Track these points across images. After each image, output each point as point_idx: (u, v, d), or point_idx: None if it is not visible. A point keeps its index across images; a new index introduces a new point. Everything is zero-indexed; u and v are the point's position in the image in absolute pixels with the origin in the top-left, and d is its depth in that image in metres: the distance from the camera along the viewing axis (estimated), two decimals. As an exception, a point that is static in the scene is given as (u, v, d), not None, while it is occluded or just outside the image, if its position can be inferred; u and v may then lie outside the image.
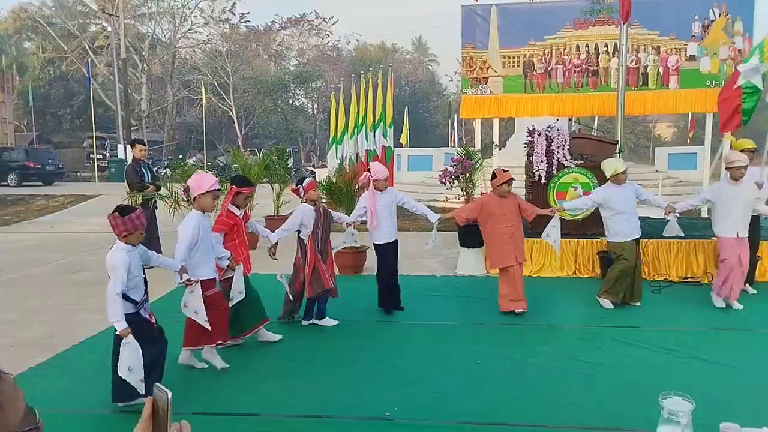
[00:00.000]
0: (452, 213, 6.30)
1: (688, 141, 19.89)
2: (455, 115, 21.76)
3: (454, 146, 20.23)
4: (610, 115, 9.69)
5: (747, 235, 6.16)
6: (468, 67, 10.26)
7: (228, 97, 36.59)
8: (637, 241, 6.30)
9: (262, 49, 41.84)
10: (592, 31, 10.01)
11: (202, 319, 4.31)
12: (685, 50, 9.77)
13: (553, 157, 7.74)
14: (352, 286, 6.87)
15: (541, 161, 7.75)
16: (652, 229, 8.21)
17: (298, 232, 5.60)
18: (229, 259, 4.78)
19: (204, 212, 4.52)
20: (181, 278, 4.26)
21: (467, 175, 8.10)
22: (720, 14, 9.60)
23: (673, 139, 41.58)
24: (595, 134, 11.37)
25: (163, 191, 8.46)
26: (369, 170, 6.13)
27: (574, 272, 7.77)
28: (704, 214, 9.96)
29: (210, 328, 4.40)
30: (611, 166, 6.19)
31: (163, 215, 8.51)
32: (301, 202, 5.66)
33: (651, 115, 28.76)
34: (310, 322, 5.76)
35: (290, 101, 41.26)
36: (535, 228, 7.41)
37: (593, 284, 6.89)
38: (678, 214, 6.32)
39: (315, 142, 41.70)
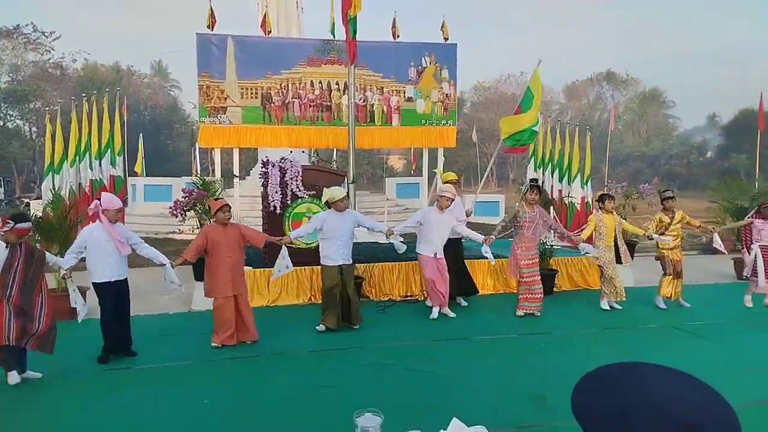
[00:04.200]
0: (182, 256, 6.00)
1: (412, 172, 22.25)
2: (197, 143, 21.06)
3: (197, 175, 19.53)
4: (343, 148, 10.34)
5: (443, 256, 7.11)
6: (205, 95, 10.01)
7: None
8: (346, 267, 6.53)
9: (-41, 61, 35.53)
10: (325, 69, 10.61)
11: None
12: (404, 92, 10.95)
13: (287, 188, 7.95)
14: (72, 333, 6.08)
15: (276, 192, 7.91)
16: (382, 254, 8.93)
17: None
18: None
19: None
20: None
21: (205, 206, 7.83)
22: (430, 62, 10.99)
23: (403, 170, 46.08)
24: (333, 165, 12.06)
25: None
26: (99, 199, 5.63)
27: (310, 299, 8.00)
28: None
29: None
30: (327, 193, 6.62)
31: None
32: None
33: (384, 148, 31.50)
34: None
35: (1, 123, 35.66)
36: (272, 263, 7.45)
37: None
38: (399, 236, 6.85)
39: (35, 170, 36.51)
